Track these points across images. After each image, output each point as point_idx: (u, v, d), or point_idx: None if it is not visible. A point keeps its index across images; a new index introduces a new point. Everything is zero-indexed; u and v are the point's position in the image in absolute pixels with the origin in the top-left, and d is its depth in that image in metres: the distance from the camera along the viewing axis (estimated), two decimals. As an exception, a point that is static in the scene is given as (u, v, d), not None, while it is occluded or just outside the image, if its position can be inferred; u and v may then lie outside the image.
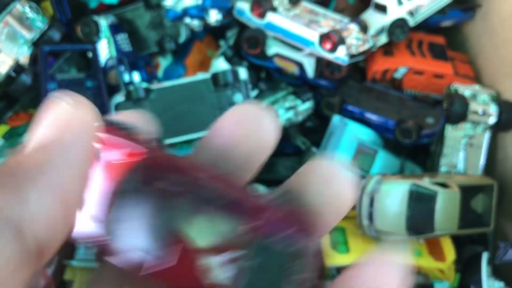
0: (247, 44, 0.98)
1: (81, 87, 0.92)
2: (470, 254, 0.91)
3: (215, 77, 0.92)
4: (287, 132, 0.99)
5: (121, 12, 1.03)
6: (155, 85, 0.95)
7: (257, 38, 0.97)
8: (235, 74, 0.92)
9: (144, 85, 0.97)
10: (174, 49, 1.03)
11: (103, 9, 1.02)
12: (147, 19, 1.03)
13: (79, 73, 0.95)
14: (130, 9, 1.03)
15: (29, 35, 0.91)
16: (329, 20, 0.98)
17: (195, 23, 1.00)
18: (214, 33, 1.08)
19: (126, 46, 1.01)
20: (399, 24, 0.97)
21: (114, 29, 1.00)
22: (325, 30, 0.93)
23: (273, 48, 0.98)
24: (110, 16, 1.01)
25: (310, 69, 0.97)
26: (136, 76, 0.99)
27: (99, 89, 0.93)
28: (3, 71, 0.87)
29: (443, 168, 0.95)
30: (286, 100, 0.98)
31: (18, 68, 0.90)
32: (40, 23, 0.91)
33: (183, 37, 1.02)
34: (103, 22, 0.98)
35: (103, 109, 0.91)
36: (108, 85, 0.95)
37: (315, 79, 0.98)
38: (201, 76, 0.94)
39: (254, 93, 0.99)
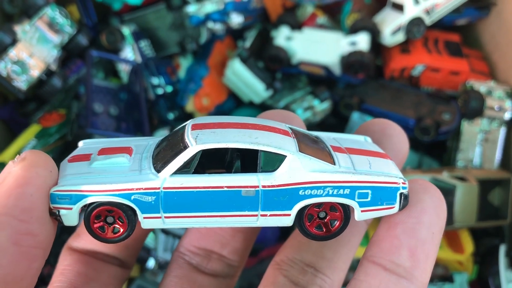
0: (270, 61, 1.00)
1: (114, 97, 0.94)
2: (488, 247, 0.93)
3: None
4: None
5: (143, 14, 1.06)
6: None
7: (279, 57, 0.99)
8: None
9: (169, 89, 1.00)
10: (194, 50, 1.06)
11: (127, 10, 1.05)
12: (169, 20, 1.06)
13: (114, 83, 0.97)
14: (152, 11, 1.06)
15: (58, 40, 0.94)
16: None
17: (218, 27, 1.02)
18: (233, 33, 1.10)
19: (149, 52, 1.05)
20: (416, 22, 0.99)
21: (136, 36, 1.03)
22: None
23: (296, 57, 1.00)
24: (132, 24, 1.04)
25: (336, 69, 1.00)
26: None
27: (134, 103, 0.95)
28: (35, 75, 0.90)
29: (459, 163, 0.97)
30: (304, 100, 1.00)
31: (48, 71, 0.93)
32: (69, 28, 0.94)
33: (203, 38, 1.05)
34: (126, 30, 1.01)
35: (139, 124, 0.93)
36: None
37: (343, 76, 1.01)
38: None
39: (269, 93, 1.01)
